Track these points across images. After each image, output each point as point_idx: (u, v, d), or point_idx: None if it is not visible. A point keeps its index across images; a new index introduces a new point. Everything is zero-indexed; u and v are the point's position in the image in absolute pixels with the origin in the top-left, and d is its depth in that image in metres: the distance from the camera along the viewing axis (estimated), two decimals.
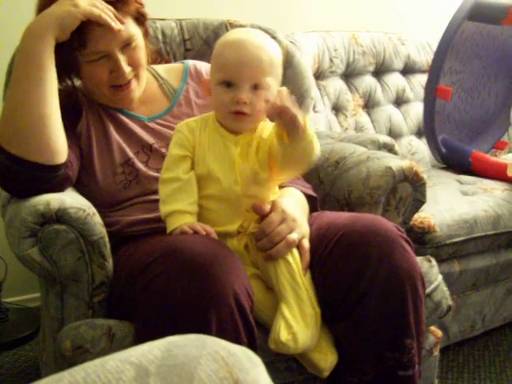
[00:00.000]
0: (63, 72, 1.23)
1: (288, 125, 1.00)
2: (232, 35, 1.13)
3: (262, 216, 1.12)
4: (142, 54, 1.28)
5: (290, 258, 1.09)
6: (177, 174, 1.11)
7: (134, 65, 1.26)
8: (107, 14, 1.17)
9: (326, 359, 1.08)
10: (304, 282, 1.08)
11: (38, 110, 1.12)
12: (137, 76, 1.28)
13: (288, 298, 1.06)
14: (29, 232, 1.05)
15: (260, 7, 2.30)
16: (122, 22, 1.20)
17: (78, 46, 1.18)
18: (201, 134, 1.14)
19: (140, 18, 1.28)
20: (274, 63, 1.10)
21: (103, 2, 1.18)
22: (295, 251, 1.10)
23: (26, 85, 1.12)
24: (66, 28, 1.15)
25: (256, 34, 1.13)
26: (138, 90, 1.30)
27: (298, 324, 1.04)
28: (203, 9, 2.16)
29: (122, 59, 1.23)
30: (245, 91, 1.07)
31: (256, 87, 1.08)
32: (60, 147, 1.14)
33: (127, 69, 1.24)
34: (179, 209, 1.09)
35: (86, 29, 1.17)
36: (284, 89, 1.01)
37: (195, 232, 1.06)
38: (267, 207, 1.12)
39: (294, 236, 1.10)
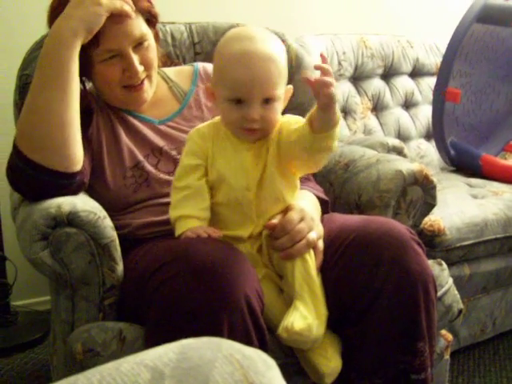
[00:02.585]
0: None
1: (326, 98, 0.98)
2: (236, 46, 1.06)
3: (273, 227, 1.11)
4: (154, 54, 1.28)
5: (307, 256, 1.08)
6: (188, 183, 1.11)
7: (147, 65, 1.26)
8: (126, 1, 1.18)
9: (329, 365, 1.07)
10: (318, 281, 1.08)
11: (61, 117, 1.12)
12: (149, 77, 1.28)
13: (304, 295, 1.05)
14: (40, 235, 1.06)
15: (269, 10, 2.30)
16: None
17: (92, 45, 1.18)
18: (213, 140, 1.13)
19: (151, 19, 1.29)
20: (282, 72, 1.07)
21: None
22: (312, 250, 1.10)
23: (50, 91, 1.12)
24: (93, 29, 1.15)
25: (261, 39, 1.07)
26: (150, 90, 1.30)
27: (313, 317, 1.03)
28: (213, 12, 2.16)
29: (135, 58, 1.23)
30: (256, 108, 1.05)
31: (267, 101, 1.06)
32: (78, 155, 1.15)
33: (140, 68, 1.24)
34: (187, 214, 1.09)
35: (101, 27, 1.17)
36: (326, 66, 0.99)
37: (198, 236, 1.06)
38: (276, 221, 1.11)
39: (313, 235, 1.10)
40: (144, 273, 1.05)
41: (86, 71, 1.23)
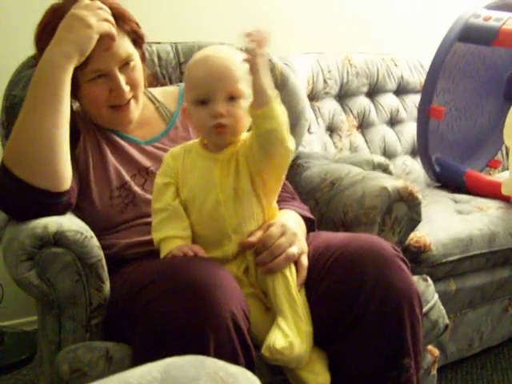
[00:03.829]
0: None
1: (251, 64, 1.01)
2: (198, 55, 1.13)
3: (251, 246, 1.11)
4: (141, 74, 1.30)
5: (287, 272, 1.09)
6: (165, 204, 1.13)
7: (133, 85, 1.27)
8: (111, 22, 1.21)
9: (317, 380, 1.07)
10: (299, 297, 1.08)
11: (52, 137, 1.13)
12: (135, 97, 1.29)
13: (284, 311, 1.06)
14: (26, 255, 1.06)
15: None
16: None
17: (80, 65, 1.19)
18: (184, 159, 1.15)
19: (137, 40, 1.31)
20: (242, 72, 1.08)
21: (105, 8, 1.21)
22: (293, 266, 1.11)
23: (43, 112, 1.13)
24: (86, 52, 1.17)
25: (222, 48, 1.14)
26: (136, 111, 1.31)
27: (294, 335, 1.04)
28: (198, 32, 2.18)
29: (121, 78, 1.25)
30: (221, 104, 1.08)
31: (231, 98, 1.09)
32: (67, 174, 1.16)
33: (126, 88, 1.26)
34: (170, 235, 1.11)
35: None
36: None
37: (184, 254, 1.07)
38: (254, 239, 1.12)
39: (294, 250, 1.11)
40: (130, 292, 1.06)
41: (72, 91, 1.24)
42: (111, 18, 1.21)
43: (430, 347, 1.39)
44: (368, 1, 2.63)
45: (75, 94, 1.27)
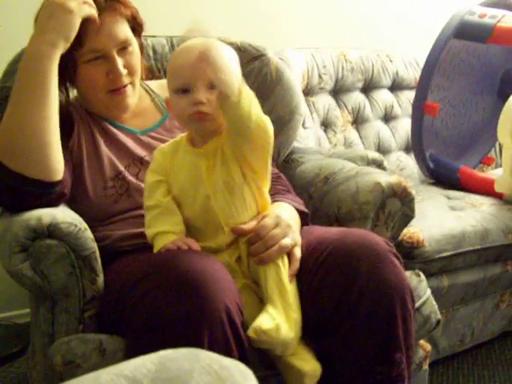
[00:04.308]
0: (60, 79, 1.22)
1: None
2: (180, 46, 1.13)
3: (244, 233, 1.12)
4: (138, 61, 1.31)
5: (280, 262, 1.10)
6: (156, 201, 1.14)
7: (130, 70, 1.28)
8: (90, 3, 1.20)
9: (309, 364, 1.07)
10: (290, 287, 1.09)
11: (40, 127, 1.13)
12: (132, 83, 1.30)
13: (274, 299, 1.06)
14: (20, 247, 1.06)
15: (250, 24, 2.32)
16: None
17: (75, 45, 1.20)
18: (172, 156, 1.16)
19: (136, 28, 1.32)
20: (224, 59, 1.05)
21: None
22: (285, 257, 1.11)
23: (30, 102, 1.13)
24: (70, 37, 1.17)
25: (208, 39, 1.10)
26: (132, 97, 1.31)
27: (281, 320, 1.04)
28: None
29: (119, 61, 1.25)
30: (201, 92, 1.08)
31: (213, 86, 1.07)
32: (58, 164, 1.16)
33: (123, 71, 1.26)
34: (163, 230, 1.12)
35: (82, 28, 1.19)
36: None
37: (178, 248, 1.07)
38: (247, 226, 1.12)
39: (287, 241, 1.11)
40: (124, 285, 1.06)
41: (70, 74, 1.24)
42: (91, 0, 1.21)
43: (422, 342, 1.40)
44: None
45: (73, 78, 1.27)
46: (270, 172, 1.17)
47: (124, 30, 1.27)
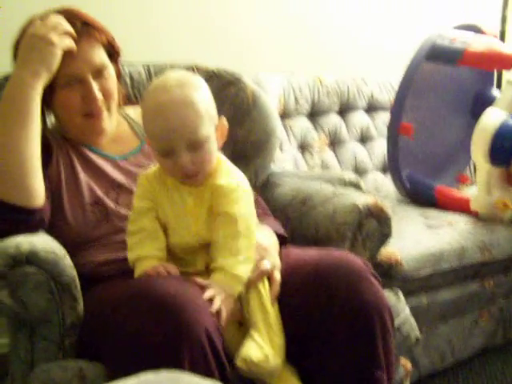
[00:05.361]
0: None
1: None
2: (152, 99, 1.09)
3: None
4: (114, 86, 1.32)
5: (261, 286, 1.11)
6: (142, 226, 1.14)
7: (106, 94, 1.29)
8: (71, 33, 1.22)
9: None
10: (273, 311, 1.10)
11: (22, 153, 1.14)
12: (108, 108, 1.30)
13: (258, 324, 1.07)
14: None
15: (226, 49, 2.34)
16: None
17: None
18: (159, 184, 1.16)
19: (113, 54, 1.33)
20: (202, 113, 1.07)
21: (65, 23, 1.22)
22: (266, 281, 1.12)
23: (12, 130, 1.14)
24: (52, 68, 1.19)
25: (176, 86, 1.07)
26: (108, 121, 1.32)
27: (268, 348, 1.05)
28: (170, 51, 2.19)
29: (94, 85, 1.26)
30: (183, 155, 1.07)
31: (194, 146, 1.08)
32: (39, 191, 1.16)
33: (99, 95, 1.27)
34: (145, 254, 1.12)
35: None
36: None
37: (158, 273, 1.08)
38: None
39: (266, 264, 1.12)
40: (104, 310, 1.06)
41: (46, 99, 1.25)
42: (71, 29, 1.22)
43: (403, 361, 1.41)
44: (337, 24, 2.66)
45: (49, 103, 1.28)
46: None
47: (100, 55, 1.28)
